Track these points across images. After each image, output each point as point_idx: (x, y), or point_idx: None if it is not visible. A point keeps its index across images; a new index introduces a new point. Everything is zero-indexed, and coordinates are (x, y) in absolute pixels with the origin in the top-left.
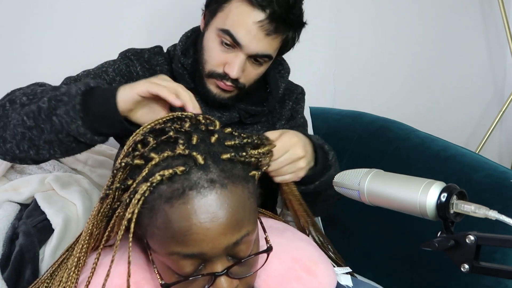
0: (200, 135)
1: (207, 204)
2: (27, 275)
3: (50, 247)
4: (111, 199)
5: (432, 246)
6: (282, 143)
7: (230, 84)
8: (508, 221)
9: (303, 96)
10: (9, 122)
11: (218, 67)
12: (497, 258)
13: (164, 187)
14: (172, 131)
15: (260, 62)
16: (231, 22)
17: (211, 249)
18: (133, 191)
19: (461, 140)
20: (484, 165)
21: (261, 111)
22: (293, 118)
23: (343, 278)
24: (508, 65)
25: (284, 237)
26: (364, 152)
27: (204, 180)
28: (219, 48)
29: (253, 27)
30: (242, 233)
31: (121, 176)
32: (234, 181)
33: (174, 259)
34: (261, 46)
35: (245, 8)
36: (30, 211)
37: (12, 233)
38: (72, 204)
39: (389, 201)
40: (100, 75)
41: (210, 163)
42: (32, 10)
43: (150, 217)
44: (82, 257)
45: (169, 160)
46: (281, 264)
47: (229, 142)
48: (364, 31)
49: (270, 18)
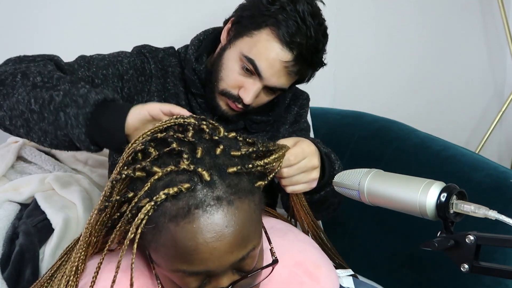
0: (204, 146)
1: (213, 223)
2: (27, 275)
3: (50, 246)
4: (110, 209)
5: (432, 246)
6: (300, 149)
7: (241, 107)
8: (508, 221)
9: (308, 102)
10: (13, 94)
11: (233, 88)
12: (497, 258)
13: (168, 204)
14: (175, 142)
15: (275, 92)
16: (257, 52)
17: (217, 267)
18: (134, 206)
19: (461, 140)
20: (484, 165)
21: (267, 120)
22: (296, 122)
23: (345, 280)
24: (508, 65)
25: (286, 239)
26: (364, 152)
27: (211, 198)
28: (238, 71)
29: (277, 64)
30: (248, 249)
31: (120, 187)
32: (241, 196)
33: (179, 275)
34: (280, 82)
35: (274, 44)
36: (30, 211)
37: (12, 233)
38: (72, 204)
39: (389, 201)
40: (114, 63)
41: (216, 179)
42: (32, 10)
43: (153, 234)
44: (81, 265)
45: (173, 175)
46: (283, 268)
47: (235, 152)
48: (364, 31)
49: (296, 60)
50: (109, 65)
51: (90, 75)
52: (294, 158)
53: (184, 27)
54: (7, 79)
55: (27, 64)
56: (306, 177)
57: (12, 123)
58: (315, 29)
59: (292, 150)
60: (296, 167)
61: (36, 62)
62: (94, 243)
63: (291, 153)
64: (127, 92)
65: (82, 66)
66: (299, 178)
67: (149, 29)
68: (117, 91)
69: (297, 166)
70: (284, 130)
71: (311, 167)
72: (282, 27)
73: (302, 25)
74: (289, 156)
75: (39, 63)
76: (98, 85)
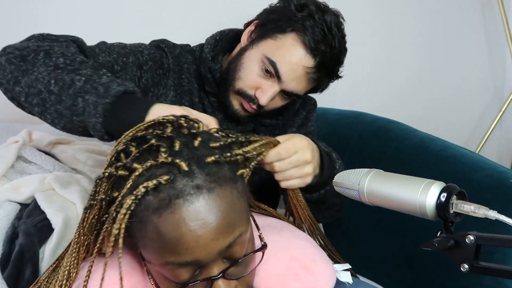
0: (183, 140)
1: (195, 211)
2: (27, 275)
3: (50, 246)
4: (97, 210)
5: (432, 246)
6: (291, 143)
7: (255, 108)
8: (508, 221)
9: (315, 107)
10: (33, 72)
11: (250, 89)
12: (497, 258)
13: (150, 198)
14: (154, 139)
15: (289, 97)
16: (280, 55)
17: (205, 255)
18: (119, 204)
19: (461, 140)
20: (484, 165)
21: (276, 124)
22: (303, 125)
23: (343, 275)
24: (508, 65)
25: (282, 235)
26: (364, 152)
27: (190, 187)
28: (258, 72)
29: (299, 69)
30: (234, 235)
31: (105, 187)
32: (221, 184)
33: (169, 268)
34: (298, 87)
35: (298, 49)
36: (30, 211)
37: (12, 233)
38: (72, 204)
39: (389, 201)
40: (135, 53)
41: (194, 168)
42: (32, 11)
43: (140, 229)
44: (73, 269)
45: (153, 170)
46: (279, 262)
47: (214, 143)
48: (364, 32)
49: (317, 67)
50: (130, 54)
51: (111, 60)
52: (285, 152)
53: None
54: (29, 55)
55: (50, 43)
56: (299, 171)
57: (28, 100)
58: (339, 40)
59: (283, 144)
60: (287, 161)
61: (60, 43)
62: (85, 245)
63: (281, 147)
64: (144, 83)
65: (103, 51)
66: (292, 173)
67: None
68: (135, 80)
69: (289, 161)
70: (291, 132)
71: (303, 162)
72: (308, 33)
73: (328, 34)
74: (280, 150)
75: (62, 43)
76: (117, 72)
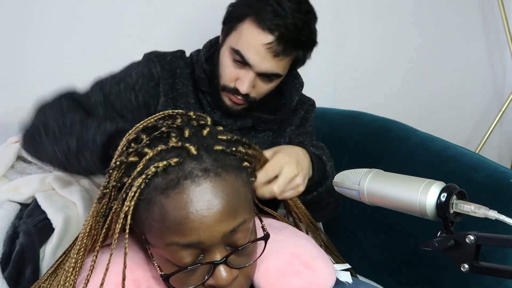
0: (192, 129)
1: (202, 192)
2: (27, 274)
3: (50, 246)
4: (108, 198)
5: (432, 246)
6: (274, 162)
7: (241, 98)
8: (508, 221)
9: (314, 108)
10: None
11: (230, 82)
12: (497, 258)
13: (159, 180)
14: (164, 127)
15: (270, 78)
16: (242, 42)
17: (208, 237)
18: (128, 186)
19: (461, 140)
20: (484, 165)
21: (274, 119)
22: (302, 125)
23: (343, 274)
24: (508, 65)
25: (283, 234)
26: (364, 152)
27: (198, 169)
28: (231, 64)
29: (261, 48)
30: (238, 221)
31: (116, 175)
32: (228, 169)
33: (172, 250)
34: (269, 66)
35: (254, 30)
36: (30, 211)
37: (12, 233)
38: (73, 204)
39: (389, 201)
40: (124, 78)
41: (203, 154)
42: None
43: (147, 210)
44: (80, 259)
45: (163, 154)
46: (280, 259)
47: (221, 136)
48: (364, 31)
49: (278, 40)
50: (120, 81)
51: (103, 96)
52: (271, 170)
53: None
54: (35, 134)
55: (46, 113)
56: (290, 185)
57: (52, 164)
58: (292, 9)
59: (269, 164)
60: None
61: (53, 106)
62: (93, 235)
63: (268, 167)
64: (142, 100)
65: (95, 92)
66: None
67: (148, 32)
68: (132, 102)
69: (280, 184)
70: (290, 131)
71: (292, 176)
72: (260, 14)
73: (278, 7)
74: (267, 171)
75: (55, 106)
76: (113, 102)
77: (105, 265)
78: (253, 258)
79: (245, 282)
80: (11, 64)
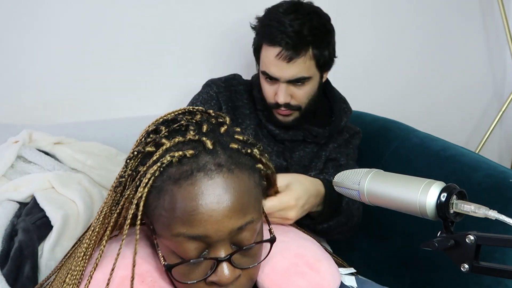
0: (210, 126)
1: (213, 186)
2: (26, 271)
3: (49, 243)
4: (123, 187)
5: (432, 246)
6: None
7: (285, 109)
8: (508, 221)
9: (360, 135)
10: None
11: (271, 99)
12: (497, 258)
13: (173, 169)
14: (183, 121)
15: (301, 82)
16: (264, 63)
17: (215, 232)
18: (143, 173)
19: (461, 140)
20: (484, 165)
21: (322, 133)
22: (345, 146)
23: (347, 279)
24: (508, 65)
25: (288, 236)
26: (364, 152)
27: (212, 163)
28: (266, 84)
29: (276, 60)
30: (246, 219)
31: (133, 164)
32: (241, 168)
33: (179, 241)
34: (290, 72)
35: (268, 49)
36: (29, 209)
37: (11, 230)
38: (72, 202)
39: (389, 201)
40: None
41: (218, 149)
42: (32, 18)
43: (157, 198)
44: (92, 245)
45: (180, 145)
46: (284, 260)
47: (238, 136)
48: (364, 32)
49: (284, 48)
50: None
51: None
52: (269, 207)
53: None
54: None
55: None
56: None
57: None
58: (290, 19)
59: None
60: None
61: None
62: (105, 224)
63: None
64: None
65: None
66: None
67: (147, 35)
68: None
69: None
70: (332, 147)
71: (283, 218)
72: (268, 37)
73: (278, 24)
74: (267, 203)
75: None
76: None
77: (112, 257)
78: (257, 260)
79: (247, 283)
80: (11, 64)
